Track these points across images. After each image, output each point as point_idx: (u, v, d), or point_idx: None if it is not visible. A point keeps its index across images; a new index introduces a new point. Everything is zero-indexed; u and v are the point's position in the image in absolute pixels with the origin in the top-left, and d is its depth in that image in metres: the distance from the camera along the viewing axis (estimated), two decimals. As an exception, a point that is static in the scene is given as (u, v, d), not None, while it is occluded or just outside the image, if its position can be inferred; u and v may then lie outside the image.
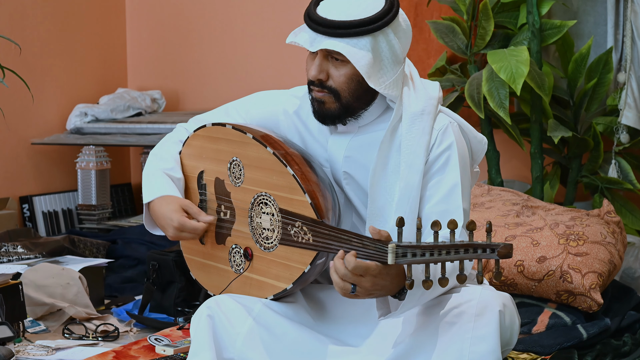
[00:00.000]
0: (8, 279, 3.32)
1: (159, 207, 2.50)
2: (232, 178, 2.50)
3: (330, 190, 2.41)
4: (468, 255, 2.06)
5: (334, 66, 2.36)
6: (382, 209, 2.38)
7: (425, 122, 2.37)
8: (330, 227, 2.26)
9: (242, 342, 2.34)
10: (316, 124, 2.49)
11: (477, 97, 3.81)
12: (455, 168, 2.36)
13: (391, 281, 2.17)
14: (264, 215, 2.43)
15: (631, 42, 3.97)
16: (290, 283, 2.37)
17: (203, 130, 2.57)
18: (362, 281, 2.14)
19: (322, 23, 2.32)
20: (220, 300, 2.39)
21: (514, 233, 3.43)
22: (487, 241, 2.06)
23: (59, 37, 4.94)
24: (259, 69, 5.04)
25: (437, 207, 2.35)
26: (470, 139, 2.48)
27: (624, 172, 3.99)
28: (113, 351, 3.12)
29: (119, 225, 4.82)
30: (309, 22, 2.35)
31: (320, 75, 2.37)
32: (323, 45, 2.32)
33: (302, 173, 2.35)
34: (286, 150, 2.41)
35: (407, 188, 2.35)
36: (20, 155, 4.76)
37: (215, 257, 2.56)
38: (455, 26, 4.08)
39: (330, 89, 2.37)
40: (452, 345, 2.23)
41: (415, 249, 2.06)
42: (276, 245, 2.40)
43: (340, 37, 2.31)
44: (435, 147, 2.38)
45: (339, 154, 2.45)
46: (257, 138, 2.42)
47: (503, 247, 2.05)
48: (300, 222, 2.33)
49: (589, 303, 3.25)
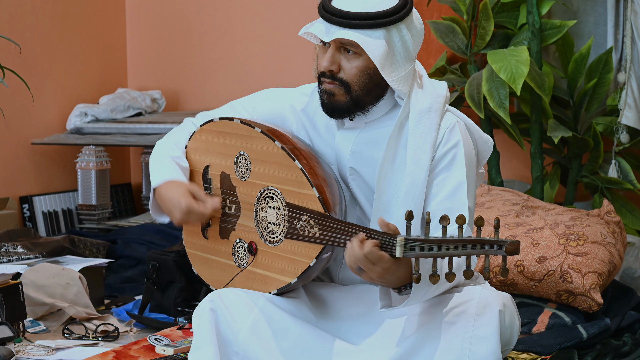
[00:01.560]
0: (8, 279, 3.32)
1: (165, 190, 2.49)
2: (239, 172, 2.50)
3: (337, 186, 2.42)
4: (476, 250, 2.06)
5: (347, 58, 2.37)
6: (388, 204, 2.38)
7: (433, 119, 2.38)
8: (337, 220, 2.27)
9: (245, 336, 2.35)
10: (323, 121, 2.50)
11: (477, 97, 3.81)
12: (461, 166, 2.37)
13: (398, 277, 2.18)
14: (270, 210, 2.43)
15: (631, 42, 3.97)
16: (294, 277, 2.37)
17: (210, 124, 2.56)
18: (371, 268, 2.15)
19: (337, 14, 2.33)
20: (223, 294, 2.39)
21: (514, 233, 3.43)
22: (495, 237, 2.07)
23: (59, 37, 4.94)
24: (259, 69, 5.04)
25: (442, 205, 2.36)
26: (477, 139, 2.48)
27: (624, 172, 3.99)
28: (113, 351, 3.12)
29: (119, 225, 4.82)
30: (323, 13, 2.36)
31: (332, 67, 2.37)
32: (338, 35, 2.33)
33: (310, 167, 2.36)
34: (294, 145, 2.41)
35: (412, 184, 2.35)
36: (20, 155, 4.76)
37: (218, 251, 2.56)
38: (455, 26, 4.08)
39: (341, 80, 2.38)
40: (452, 344, 2.23)
41: (424, 243, 2.07)
42: (281, 240, 2.40)
43: (355, 28, 2.33)
44: (442, 145, 2.38)
45: (345, 149, 2.46)
46: (265, 132, 2.42)
47: (511, 244, 2.06)
48: (307, 216, 2.33)
49: (589, 303, 3.25)
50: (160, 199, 2.52)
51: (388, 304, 2.26)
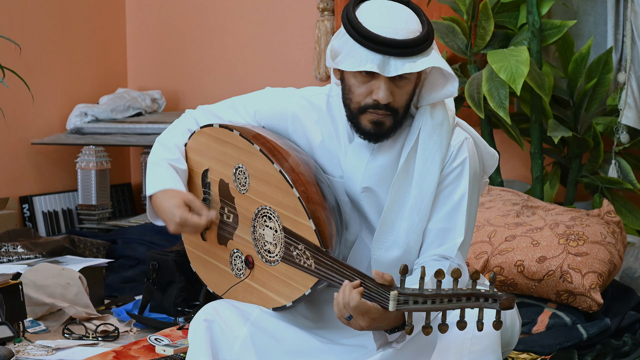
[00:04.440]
0: (8, 279, 3.32)
1: (161, 200, 2.48)
2: (237, 184, 2.47)
3: (337, 211, 2.38)
4: (470, 303, 2.05)
5: (398, 86, 2.31)
6: (394, 219, 2.36)
7: (444, 133, 2.36)
8: (333, 259, 2.25)
9: (240, 346, 2.34)
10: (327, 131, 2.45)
11: (477, 97, 3.81)
12: (465, 185, 2.36)
13: (388, 323, 2.17)
14: (267, 229, 2.40)
15: (631, 42, 3.98)
16: (290, 301, 2.36)
17: (209, 129, 2.52)
18: (360, 319, 2.14)
19: (395, 45, 2.26)
20: (218, 306, 2.38)
21: (514, 233, 3.43)
22: (490, 291, 2.05)
23: (59, 37, 4.94)
24: (259, 69, 5.04)
25: (440, 224, 2.35)
26: (484, 154, 2.47)
27: (624, 172, 3.99)
28: (113, 351, 3.12)
29: (119, 225, 4.82)
30: (370, 44, 2.27)
31: (391, 99, 2.30)
32: (406, 70, 2.26)
33: (307, 196, 2.31)
34: (293, 167, 2.35)
35: (419, 198, 2.34)
36: (20, 155, 4.76)
37: (216, 255, 2.55)
38: (455, 26, 4.08)
39: (392, 109, 2.32)
40: (453, 345, 2.23)
41: (418, 297, 2.05)
42: (278, 261, 2.39)
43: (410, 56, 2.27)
44: (450, 162, 2.37)
45: (358, 165, 2.41)
46: (264, 151, 2.37)
47: (505, 299, 2.03)
48: (303, 246, 2.31)
49: (589, 303, 3.25)
50: (157, 207, 2.50)
51: (384, 342, 2.23)
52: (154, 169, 2.54)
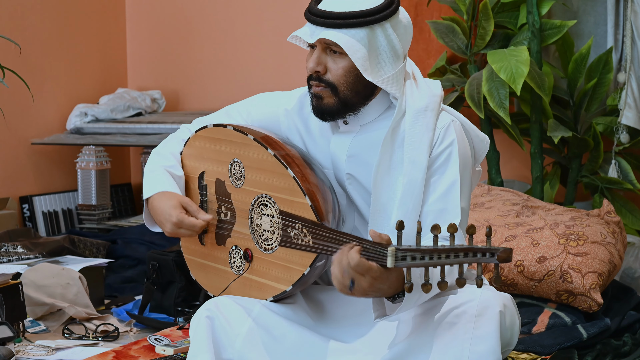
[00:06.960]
0: (8, 279, 3.33)
1: (158, 202, 2.50)
2: (233, 179, 2.50)
3: (331, 192, 2.41)
4: (467, 259, 2.05)
5: (332, 59, 2.36)
6: (385, 205, 2.37)
7: (429, 118, 2.37)
8: (330, 229, 2.26)
9: (242, 343, 2.34)
10: (318, 124, 2.49)
11: (477, 97, 3.81)
12: (455, 166, 2.36)
13: (389, 285, 2.17)
14: (264, 217, 2.43)
15: (631, 42, 3.98)
16: (289, 285, 2.37)
17: (204, 131, 2.56)
18: (361, 280, 2.13)
19: (320, 14, 2.33)
20: (219, 302, 2.38)
21: (514, 233, 3.43)
22: (486, 245, 2.05)
23: (59, 37, 4.94)
24: (259, 69, 5.04)
25: (435, 206, 2.35)
26: (473, 138, 2.48)
27: (624, 172, 3.99)
28: (113, 351, 3.12)
29: (119, 225, 4.82)
30: (308, 15, 2.36)
31: (318, 67, 2.36)
32: (321, 35, 2.32)
33: (302, 175, 2.35)
34: (287, 152, 2.40)
35: (410, 184, 2.34)
36: (20, 155, 4.77)
37: (215, 258, 2.56)
38: (455, 26, 4.08)
39: (328, 82, 2.37)
40: (452, 345, 2.23)
41: (415, 253, 2.05)
42: (276, 247, 2.40)
43: (337, 28, 2.32)
44: (437, 145, 2.37)
45: (341, 154, 2.45)
46: (257, 139, 2.42)
47: (503, 252, 2.04)
48: (300, 224, 2.33)
49: (589, 303, 3.25)
50: (153, 210, 2.52)
51: (382, 313, 2.25)
52: (150, 175, 2.57)
